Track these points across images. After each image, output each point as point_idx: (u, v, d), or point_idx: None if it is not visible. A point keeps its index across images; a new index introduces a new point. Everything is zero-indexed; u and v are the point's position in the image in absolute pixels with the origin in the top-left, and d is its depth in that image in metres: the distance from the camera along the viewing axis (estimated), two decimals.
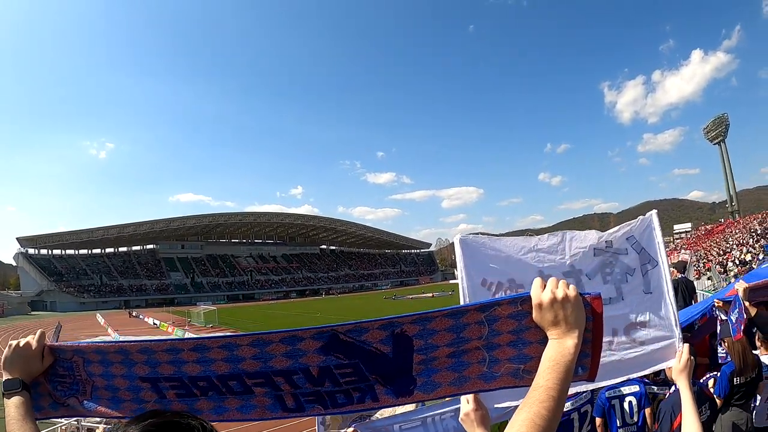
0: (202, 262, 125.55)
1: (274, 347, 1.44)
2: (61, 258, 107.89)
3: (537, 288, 1.43)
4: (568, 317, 1.35)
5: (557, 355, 1.31)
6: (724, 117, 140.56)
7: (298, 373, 1.47)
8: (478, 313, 1.46)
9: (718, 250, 56.90)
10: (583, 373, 1.47)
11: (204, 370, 1.46)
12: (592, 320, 1.41)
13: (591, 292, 1.44)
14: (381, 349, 1.47)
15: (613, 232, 2.87)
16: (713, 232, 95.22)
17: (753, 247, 44.12)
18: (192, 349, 1.45)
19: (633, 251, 2.86)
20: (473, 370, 1.50)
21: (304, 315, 56.64)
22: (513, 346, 1.47)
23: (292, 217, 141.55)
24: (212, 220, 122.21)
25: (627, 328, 2.76)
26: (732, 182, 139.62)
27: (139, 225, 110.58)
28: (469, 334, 1.47)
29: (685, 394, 2.32)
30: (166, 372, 1.47)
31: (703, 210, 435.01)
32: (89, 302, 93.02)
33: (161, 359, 1.46)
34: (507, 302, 1.46)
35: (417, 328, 1.47)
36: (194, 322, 50.97)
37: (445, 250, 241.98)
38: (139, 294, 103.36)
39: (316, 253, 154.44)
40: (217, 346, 1.45)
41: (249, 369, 1.46)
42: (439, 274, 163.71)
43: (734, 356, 4.85)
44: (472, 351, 1.49)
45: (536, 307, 1.40)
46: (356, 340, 1.45)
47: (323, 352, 1.45)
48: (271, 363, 1.45)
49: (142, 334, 41.07)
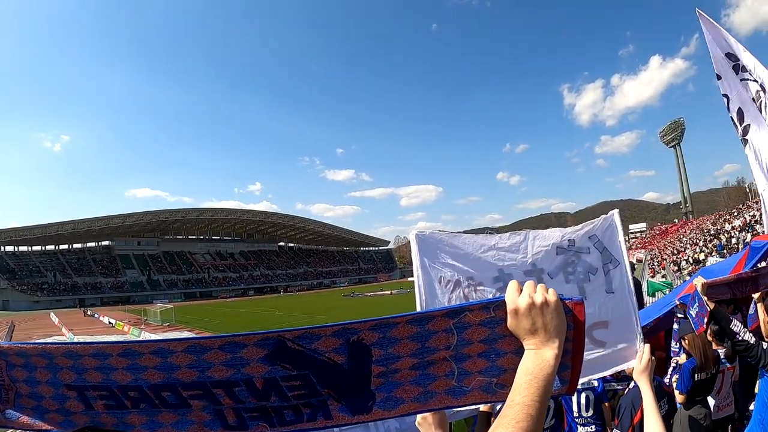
0: (159, 259, 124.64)
1: (213, 355, 1.25)
2: (13, 255, 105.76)
3: (513, 292, 1.28)
4: (547, 325, 1.21)
5: (535, 368, 1.17)
6: (680, 121, 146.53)
7: (240, 384, 1.28)
8: (445, 319, 1.30)
9: (672, 249, 59.54)
10: (562, 387, 1.35)
11: (135, 379, 1.27)
12: (573, 328, 1.29)
13: (573, 297, 1.31)
14: (334, 359, 1.29)
15: (576, 231, 2.87)
16: (667, 232, 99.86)
17: (706, 246, 45.35)
18: (121, 354, 1.25)
19: (595, 250, 2.84)
20: (440, 384, 1.35)
21: (262, 313, 57.62)
22: (485, 357, 1.33)
23: (250, 214, 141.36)
24: (169, 215, 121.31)
25: (589, 328, 2.68)
26: (686, 184, 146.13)
27: (94, 221, 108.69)
28: (436, 343, 1.31)
29: (647, 393, 2.29)
30: (94, 379, 1.27)
31: (658, 211, 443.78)
32: (43, 301, 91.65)
33: (88, 365, 1.26)
34: (478, 308, 1.30)
35: (376, 336, 1.29)
36: (151, 320, 51.34)
37: (403, 248, 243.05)
38: (94, 292, 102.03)
39: (274, 251, 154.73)
40: (148, 352, 1.25)
41: (185, 379, 1.27)
42: (398, 272, 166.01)
43: (695, 352, 4.90)
44: (438, 362, 1.33)
45: (511, 314, 1.26)
46: (306, 348, 1.27)
47: (268, 361, 1.27)
48: (209, 372, 1.26)
49: (98, 334, 41.24)
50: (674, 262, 45.51)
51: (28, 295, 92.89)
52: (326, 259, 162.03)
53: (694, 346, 4.94)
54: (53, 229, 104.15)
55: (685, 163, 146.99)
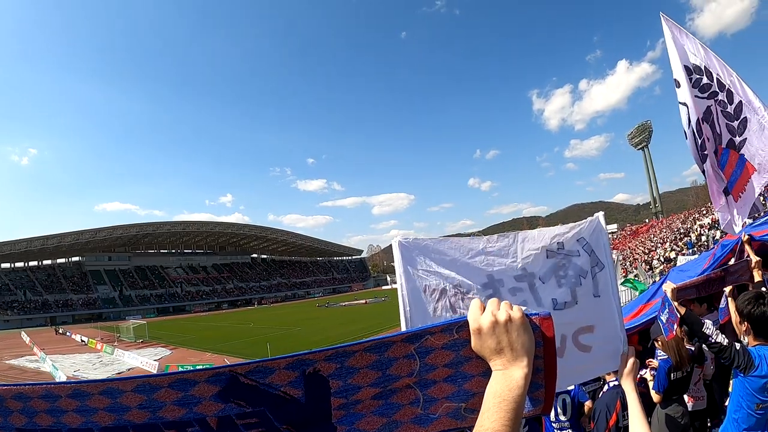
0: (131, 274, 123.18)
1: (164, 393, 1.15)
2: None
3: (475, 311, 1.22)
4: (513, 343, 1.15)
5: (504, 390, 1.10)
6: (647, 124, 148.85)
7: (194, 425, 1.18)
8: (406, 344, 1.24)
9: (644, 249, 59.73)
10: (536, 408, 1.29)
11: (86, 422, 1.17)
12: (543, 345, 1.23)
13: (539, 312, 1.24)
14: (291, 393, 1.20)
15: (565, 233, 2.80)
16: (638, 232, 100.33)
17: (677, 245, 45.83)
18: (70, 395, 1.16)
19: (584, 253, 2.78)
20: (405, 413, 1.28)
21: (237, 326, 58.12)
22: (451, 382, 1.27)
23: (222, 226, 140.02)
24: (140, 229, 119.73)
25: (576, 333, 2.67)
26: (655, 185, 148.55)
27: (64, 236, 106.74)
28: (398, 371, 1.25)
29: (632, 396, 2.25)
30: (44, 423, 1.17)
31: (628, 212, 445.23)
32: (13, 320, 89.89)
33: (38, 407, 1.17)
34: (440, 329, 1.24)
35: (333, 367, 1.22)
36: (124, 337, 51.61)
37: (376, 257, 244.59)
38: (65, 309, 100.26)
39: (247, 263, 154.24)
40: (97, 392, 1.15)
41: (136, 420, 1.17)
42: (372, 281, 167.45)
43: (670, 352, 4.92)
44: (402, 390, 1.27)
45: (475, 333, 1.19)
46: (260, 383, 1.18)
47: (221, 398, 1.18)
48: (161, 413, 1.16)
49: (70, 353, 41.40)
50: (646, 261, 46.56)
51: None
52: (300, 270, 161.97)
53: (668, 346, 4.98)
54: (22, 245, 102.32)
55: (653, 164, 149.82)
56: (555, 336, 1.23)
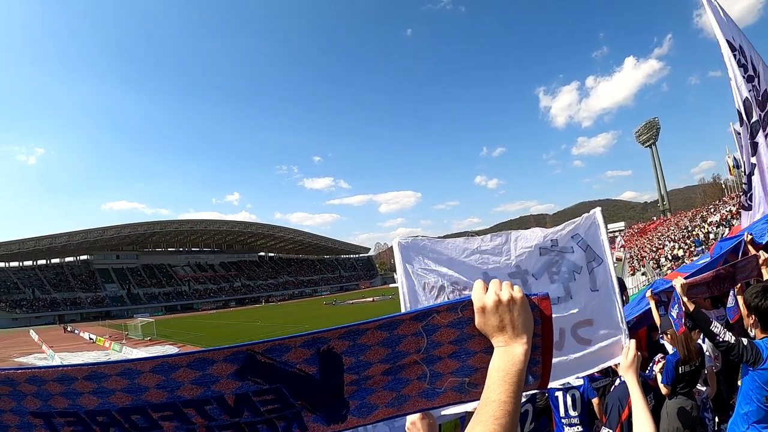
0: (138, 273, 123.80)
1: (181, 373, 1.18)
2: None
3: (479, 291, 1.27)
4: (514, 321, 1.21)
5: (506, 365, 1.16)
6: (655, 121, 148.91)
7: (212, 402, 1.21)
8: (414, 323, 1.30)
9: (651, 247, 60.02)
10: (534, 382, 1.35)
11: (102, 403, 1.18)
12: (541, 323, 1.30)
13: (538, 293, 1.31)
14: (306, 370, 1.25)
15: (559, 231, 2.87)
16: (646, 230, 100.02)
17: (684, 243, 45.53)
18: (87, 377, 1.17)
19: (579, 249, 2.85)
20: (413, 388, 1.34)
21: (244, 324, 57.79)
22: (455, 358, 1.32)
23: (229, 224, 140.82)
24: (148, 228, 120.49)
25: (575, 326, 2.76)
26: (663, 182, 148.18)
27: (72, 235, 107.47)
28: (406, 347, 1.30)
29: (634, 389, 2.28)
30: (60, 405, 1.18)
31: (636, 209, 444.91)
32: (22, 318, 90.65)
33: (53, 390, 1.18)
34: (446, 309, 1.30)
35: (346, 344, 1.27)
36: (132, 335, 51.43)
37: (384, 254, 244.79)
38: (73, 308, 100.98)
39: (254, 261, 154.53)
40: (114, 374, 1.17)
41: (154, 400, 1.19)
42: (379, 279, 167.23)
43: (678, 346, 4.96)
44: (410, 366, 1.32)
45: (479, 312, 1.25)
46: (276, 361, 1.22)
47: (239, 376, 1.21)
48: (179, 392, 1.19)
49: (79, 351, 41.33)
50: (654, 260, 46.22)
51: (6, 312, 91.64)
52: (307, 268, 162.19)
53: (676, 340, 5.04)
54: (30, 244, 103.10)
55: (661, 161, 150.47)
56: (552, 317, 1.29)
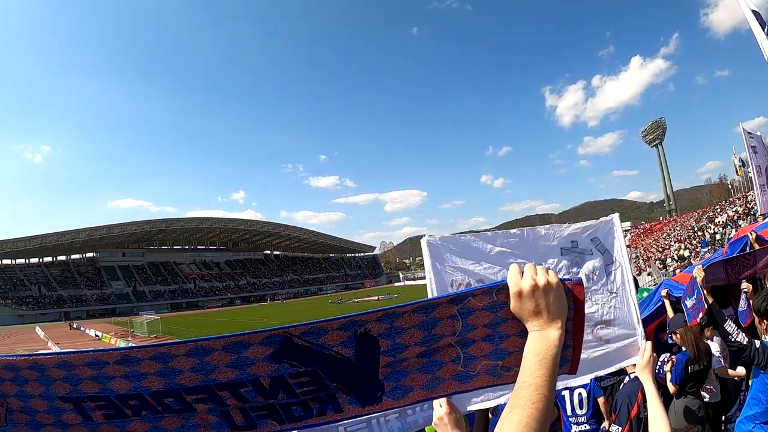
0: (144, 270, 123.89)
1: (217, 357, 1.17)
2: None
3: (515, 275, 1.28)
4: (550, 306, 1.22)
5: (542, 349, 1.17)
6: (661, 121, 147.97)
7: (247, 385, 1.22)
8: (450, 306, 1.31)
9: (657, 247, 59.80)
10: (565, 367, 1.36)
11: (134, 387, 1.17)
12: (573, 308, 1.32)
13: (572, 278, 1.33)
14: (342, 353, 1.26)
15: (578, 231, 2.90)
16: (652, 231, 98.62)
17: (690, 243, 45.58)
18: (118, 362, 1.15)
19: (597, 252, 2.90)
20: (447, 370, 1.36)
21: (250, 321, 57.62)
22: (489, 341, 1.34)
23: (235, 223, 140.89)
24: (154, 226, 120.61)
25: (593, 327, 2.80)
26: (669, 182, 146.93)
27: (78, 232, 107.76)
28: (441, 330, 1.31)
29: (650, 389, 2.29)
30: (90, 390, 1.18)
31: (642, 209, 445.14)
32: (28, 315, 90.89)
33: (83, 375, 1.16)
34: (481, 292, 1.31)
35: (383, 327, 1.28)
36: (137, 332, 51.26)
37: (389, 253, 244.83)
38: (79, 305, 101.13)
39: (260, 259, 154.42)
40: (148, 358, 1.16)
41: (188, 383, 1.18)
42: (384, 277, 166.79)
43: (688, 345, 5.02)
44: (444, 349, 1.34)
45: (515, 296, 1.26)
46: (313, 343, 1.23)
47: (275, 359, 1.21)
48: (213, 375, 1.19)
49: (84, 347, 41.14)
50: (659, 260, 46.05)
51: (12, 309, 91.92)
52: (312, 267, 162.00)
53: (686, 339, 5.06)
54: (36, 241, 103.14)
55: (667, 161, 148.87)
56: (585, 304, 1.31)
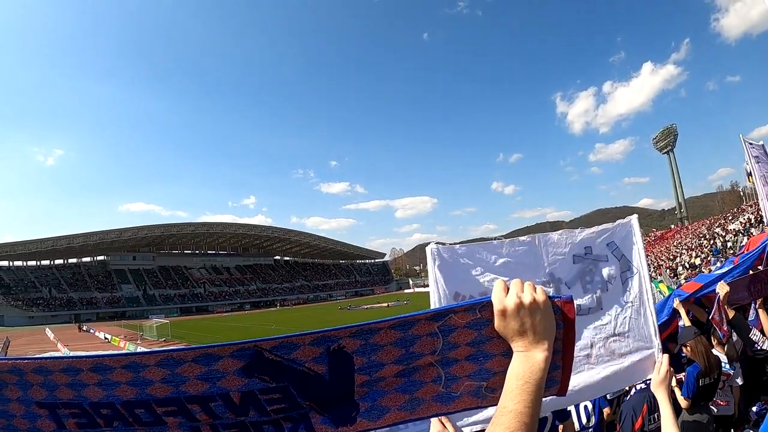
0: (154, 274, 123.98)
1: (187, 368, 1.17)
2: (8, 270, 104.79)
3: (499, 291, 1.21)
4: (536, 325, 1.16)
5: (526, 372, 1.12)
6: (672, 128, 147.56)
7: (217, 399, 1.20)
8: (430, 323, 1.25)
9: (669, 255, 59.51)
10: (553, 388, 1.31)
11: (107, 395, 1.18)
12: (563, 327, 1.25)
13: (562, 296, 1.26)
14: (315, 369, 1.22)
15: (592, 237, 2.78)
16: (663, 238, 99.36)
17: (702, 251, 45.24)
18: (92, 369, 1.17)
19: (614, 258, 2.77)
20: (427, 391, 1.30)
21: (258, 327, 57.38)
22: (472, 361, 1.28)
23: (245, 228, 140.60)
24: (165, 230, 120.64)
25: (606, 339, 2.67)
26: (680, 190, 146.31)
27: (89, 235, 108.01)
28: (421, 348, 1.26)
29: (665, 406, 2.24)
30: (65, 396, 1.19)
31: (653, 217, 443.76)
32: (38, 316, 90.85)
33: (59, 381, 1.18)
34: (463, 309, 1.25)
35: (358, 343, 1.24)
36: (147, 335, 51.25)
37: (399, 260, 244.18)
38: (89, 307, 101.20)
39: (270, 264, 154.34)
40: (119, 367, 1.17)
41: (158, 394, 1.18)
42: (394, 284, 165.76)
43: (698, 358, 4.90)
44: (424, 368, 1.28)
45: (499, 314, 1.20)
46: (284, 358, 1.20)
47: (245, 373, 1.19)
48: (183, 387, 1.18)
49: (94, 350, 41.30)
50: (670, 268, 45.46)
51: (23, 310, 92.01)
52: (322, 273, 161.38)
53: (696, 352, 4.92)
54: (48, 243, 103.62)
55: (678, 168, 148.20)
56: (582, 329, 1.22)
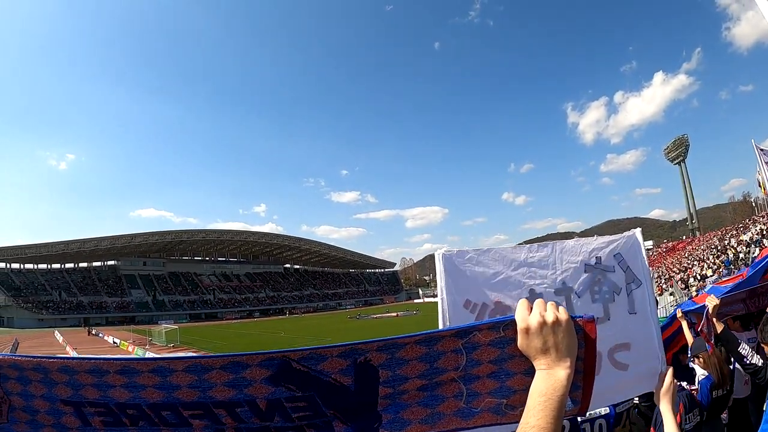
0: (164, 280, 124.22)
1: (215, 375, 1.20)
2: (19, 272, 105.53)
3: (523, 310, 1.25)
4: (558, 344, 1.18)
5: (548, 389, 1.13)
6: (684, 138, 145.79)
7: (243, 405, 1.23)
8: (455, 339, 1.27)
9: (680, 267, 58.19)
10: (574, 408, 1.32)
11: (133, 397, 1.22)
12: (584, 347, 1.27)
13: (584, 315, 1.28)
14: (341, 381, 1.25)
15: (602, 247, 2.78)
16: (675, 249, 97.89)
17: (713, 263, 44.12)
18: (119, 372, 1.21)
19: (620, 269, 2.77)
20: (448, 406, 1.32)
21: (267, 334, 57.14)
22: (494, 378, 1.30)
23: (256, 236, 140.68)
24: (175, 236, 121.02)
25: (611, 350, 2.66)
26: (692, 201, 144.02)
27: (100, 240, 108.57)
28: (445, 364, 1.28)
29: (668, 417, 2.24)
30: (91, 396, 1.23)
31: (665, 228, 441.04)
32: (48, 319, 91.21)
33: (84, 381, 1.22)
34: (488, 327, 1.27)
35: (384, 357, 1.26)
36: (156, 341, 50.91)
37: (409, 270, 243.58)
38: (99, 311, 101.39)
39: (279, 272, 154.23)
40: (147, 371, 1.21)
41: (185, 398, 1.22)
42: (404, 294, 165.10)
43: (712, 370, 4.88)
44: (447, 383, 1.30)
45: (522, 333, 1.22)
46: (312, 369, 1.23)
47: (272, 382, 1.22)
48: (211, 393, 1.22)
49: (102, 354, 40.97)
50: (682, 280, 44.68)
51: (33, 312, 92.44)
52: (332, 281, 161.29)
53: (709, 364, 4.87)
54: (59, 247, 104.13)
55: (690, 179, 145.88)
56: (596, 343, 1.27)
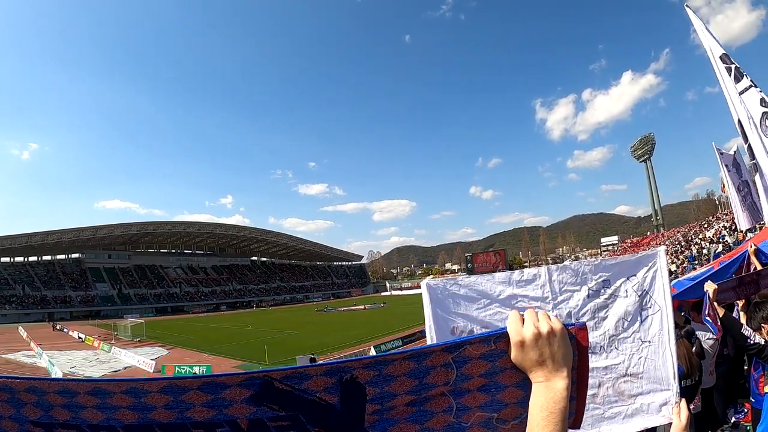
0: (130, 273, 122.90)
1: (192, 395, 1.10)
2: None
3: (515, 322, 1.18)
4: (555, 354, 1.13)
5: (549, 402, 1.08)
6: (650, 136, 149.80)
7: (224, 425, 1.14)
8: (444, 354, 1.21)
9: None
10: (569, 419, 1.20)
11: (107, 418, 1.11)
12: (578, 355, 1.22)
13: (575, 323, 1.22)
14: (326, 399, 1.17)
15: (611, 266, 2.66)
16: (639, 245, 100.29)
17: (677, 258, 45.28)
18: (90, 393, 1.10)
19: (634, 294, 2.62)
20: (438, 421, 1.26)
21: (235, 328, 57.87)
22: (485, 392, 1.25)
23: (223, 228, 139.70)
24: (141, 228, 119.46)
25: (617, 379, 2.58)
26: (657, 198, 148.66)
27: (64, 232, 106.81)
28: (434, 379, 1.22)
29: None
30: (62, 417, 1.12)
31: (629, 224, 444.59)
32: (11, 314, 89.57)
33: (54, 402, 1.11)
34: (479, 341, 1.21)
35: (371, 374, 1.19)
36: (121, 335, 51.28)
37: (376, 263, 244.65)
38: (63, 306, 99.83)
39: (247, 265, 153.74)
40: (120, 392, 1.10)
41: (162, 419, 1.11)
42: (371, 287, 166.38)
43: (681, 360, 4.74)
44: (436, 398, 1.25)
45: (516, 346, 1.16)
46: (295, 388, 1.15)
47: (254, 402, 1.14)
48: (189, 413, 1.11)
49: (68, 349, 41.18)
50: None
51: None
52: (299, 274, 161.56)
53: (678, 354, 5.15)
54: (22, 240, 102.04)
55: (655, 176, 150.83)
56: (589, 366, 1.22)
